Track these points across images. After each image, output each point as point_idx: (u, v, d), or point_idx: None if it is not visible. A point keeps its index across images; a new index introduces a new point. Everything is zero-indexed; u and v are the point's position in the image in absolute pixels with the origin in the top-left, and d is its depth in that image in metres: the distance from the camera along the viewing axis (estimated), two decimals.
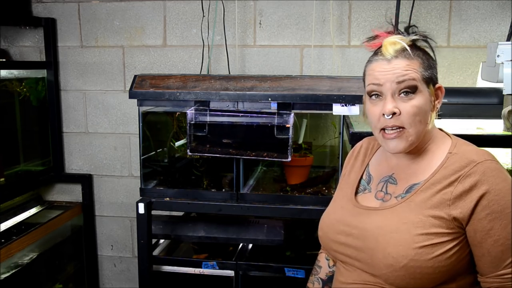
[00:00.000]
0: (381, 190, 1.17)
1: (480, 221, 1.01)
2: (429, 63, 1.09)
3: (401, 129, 1.07)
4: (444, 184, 1.05)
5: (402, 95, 1.06)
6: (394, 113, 1.05)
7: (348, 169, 1.30)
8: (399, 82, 1.05)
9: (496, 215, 1.00)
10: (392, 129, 1.07)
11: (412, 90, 1.05)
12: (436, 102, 1.12)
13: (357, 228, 1.12)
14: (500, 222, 1.01)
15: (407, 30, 1.12)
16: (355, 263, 1.12)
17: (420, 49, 1.10)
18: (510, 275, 1.02)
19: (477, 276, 1.07)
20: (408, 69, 1.05)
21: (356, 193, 1.22)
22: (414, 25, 1.13)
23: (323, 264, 1.38)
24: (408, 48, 1.06)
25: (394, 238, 1.04)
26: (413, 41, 1.10)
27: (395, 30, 1.12)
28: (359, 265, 1.11)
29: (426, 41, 1.13)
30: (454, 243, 1.03)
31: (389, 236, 1.05)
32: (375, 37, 1.13)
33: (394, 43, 1.07)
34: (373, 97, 1.10)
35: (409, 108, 1.05)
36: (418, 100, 1.06)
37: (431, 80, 1.09)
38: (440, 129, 1.18)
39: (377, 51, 1.11)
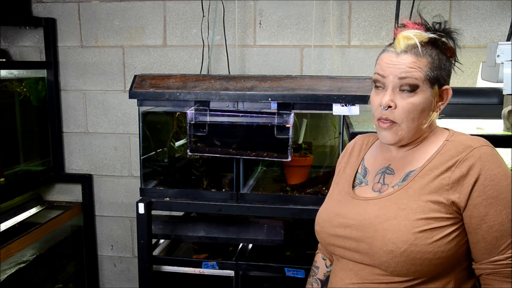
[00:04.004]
0: (379, 182, 1.17)
1: (476, 207, 1.02)
2: (440, 64, 1.08)
3: (393, 123, 1.09)
4: (442, 170, 1.06)
5: (403, 90, 1.07)
6: (389, 106, 1.08)
7: (343, 165, 1.30)
8: (401, 78, 1.06)
9: (492, 200, 1.01)
10: (386, 120, 1.10)
11: (412, 88, 1.06)
12: (440, 103, 1.12)
13: (356, 219, 1.12)
14: (495, 207, 1.02)
15: (435, 26, 1.11)
16: (355, 255, 1.12)
17: (436, 48, 1.09)
18: (503, 261, 1.03)
19: (472, 263, 1.08)
20: (413, 66, 1.06)
21: (353, 187, 1.22)
22: (440, 22, 1.12)
23: (320, 264, 1.37)
24: (419, 45, 1.06)
25: (393, 225, 1.04)
26: (431, 39, 1.09)
27: (423, 23, 1.12)
28: (358, 257, 1.11)
29: (451, 39, 1.11)
30: (454, 228, 1.04)
31: (388, 223, 1.05)
32: (403, 26, 1.13)
33: (408, 37, 1.07)
34: (377, 86, 1.11)
35: (405, 104, 1.07)
36: (416, 98, 1.07)
37: (437, 81, 1.08)
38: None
39: (393, 42, 1.11)
